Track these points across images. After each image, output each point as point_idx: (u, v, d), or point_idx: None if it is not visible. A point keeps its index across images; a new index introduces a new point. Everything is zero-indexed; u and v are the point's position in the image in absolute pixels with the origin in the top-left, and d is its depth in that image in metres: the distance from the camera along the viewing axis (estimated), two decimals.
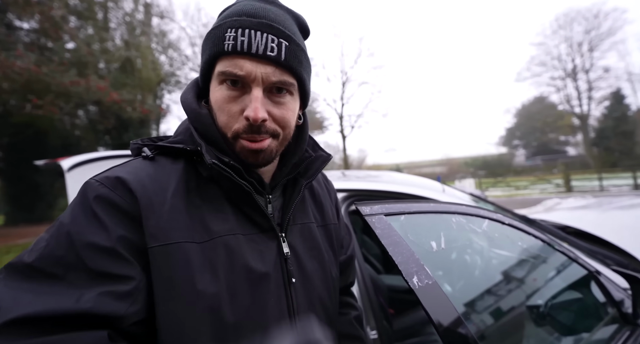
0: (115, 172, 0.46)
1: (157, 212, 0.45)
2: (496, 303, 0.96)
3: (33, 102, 7.97)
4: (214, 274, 0.45)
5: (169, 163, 0.50)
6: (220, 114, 0.50)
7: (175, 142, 0.53)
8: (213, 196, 0.50)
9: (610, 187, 13.67)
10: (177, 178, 0.49)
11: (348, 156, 23.29)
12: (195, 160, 0.52)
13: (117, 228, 0.42)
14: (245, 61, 0.47)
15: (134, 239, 0.43)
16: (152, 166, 0.49)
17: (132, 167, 0.48)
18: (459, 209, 0.81)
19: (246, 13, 0.48)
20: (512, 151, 40.44)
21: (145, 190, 0.45)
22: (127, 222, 0.43)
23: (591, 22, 24.64)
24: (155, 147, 0.52)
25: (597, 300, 0.97)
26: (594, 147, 24.10)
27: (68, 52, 9.96)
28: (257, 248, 0.51)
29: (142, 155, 0.51)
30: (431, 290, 0.58)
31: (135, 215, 0.44)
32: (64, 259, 0.40)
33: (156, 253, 0.43)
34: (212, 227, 0.47)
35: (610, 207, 2.41)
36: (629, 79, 24.81)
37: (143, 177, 0.46)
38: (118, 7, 12.57)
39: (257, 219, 0.52)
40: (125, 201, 0.44)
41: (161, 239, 0.44)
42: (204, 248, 0.46)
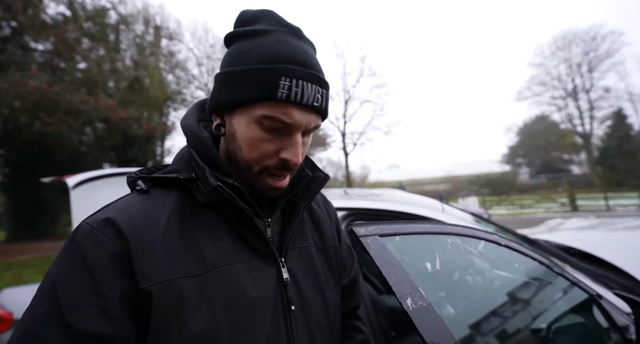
0: (105, 213, 0.45)
1: (149, 250, 0.43)
2: (497, 326, 0.94)
3: (43, 120, 8.18)
4: (211, 308, 0.44)
5: (162, 195, 0.50)
6: (252, 151, 0.49)
7: (169, 171, 0.53)
8: (209, 223, 0.49)
9: (616, 207, 13.46)
10: (170, 210, 0.48)
11: (350, 173, 23.31)
12: (190, 187, 0.51)
13: (105, 276, 0.41)
14: (295, 110, 0.47)
15: (123, 286, 0.41)
16: (144, 200, 0.48)
17: (124, 205, 0.47)
18: (454, 230, 0.82)
19: (297, 61, 0.47)
20: (515, 169, 40.25)
21: (135, 228, 0.44)
22: (118, 267, 0.42)
23: (589, 44, 25.21)
24: (149, 179, 0.52)
25: (599, 325, 0.95)
26: (598, 166, 23.95)
27: (79, 71, 10.33)
28: (256, 276, 0.49)
29: (136, 189, 0.51)
30: (425, 312, 0.58)
31: (124, 257, 0.42)
32: (46, 316, 0.39)
33: (148, 294, 0.42)
34: (208, 257, 0.46)
35: (615, 228, 2.38)
36: (630, 99, 25.03)
37: (133, 214, 0.46)
38: (129, 29, 13.14)
39: (256, 245, 0.51)
40: (114, 242, 0.42)
41: (153, 278, 0.42)
42: (200, 281, 0.44)
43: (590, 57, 25.28)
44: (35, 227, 11.28)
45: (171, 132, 15.29)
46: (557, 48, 27.13)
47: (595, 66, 25.21)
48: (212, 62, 18.26)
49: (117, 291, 0.41)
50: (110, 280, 0.41)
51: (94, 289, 0.40)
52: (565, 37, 26.47)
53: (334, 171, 27.44)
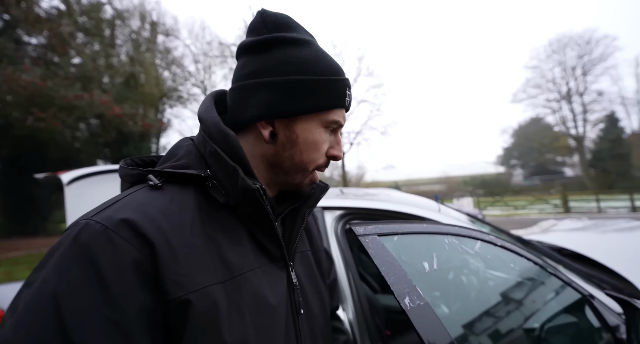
0: (120, 212, 0.39)
1: (179, 256, 0.40)
2: (491, 325, 0.95)
3: (36, 115, 8.06)
4: (241, 317, 0.43)
5: (177, 192, 0.45)
6: (314, 152, 0.52)
7: (182, 166, 0.48)
8: (228, 225, 0.47)
9: (608, 209, 13.67)
10: (192, 210, 0.44)
11: (347, 172, 23.35)
12: (207, 186, 0.48)
13: (123, 286, 0.36)
14: (344, 114, 0.55)
15: (145, 298, 0.37)
16: (161, 198, 0.43)
17: (138, 203, 0.42)
18: (451, 230, 0.82)
19: (344, 73, 0.54)
20: (509, 170, 40.67)
21: (161, 232, 0.39)
22: (140, 277, 0.37)
23: (583, 48, 25.53)
24: (162, 173, 0.46)
25: (591, 325, 0.97)
26: (591, 168, 24.30)
27: (74, 67, 10.20)
28: (272, 281, 0.49)
29: (149, 184, 0.45)
30: (423, 311, 0.58)
31: (149, 264, 0.38)
32: (45, 336, 0.32)
33: (180, 304, 0.38)
34: (232, 261, 0.45)
35: (607, 229, 2.42)
36: (623, 103, 25.42)
37: (155, 215, 0.41)
38: (125, 25, 13.00)
39: (270, 248, 0.51)
40: (137, 249, 0.37)
41: (187, 286, 0.39)
42: (227, 288, 0.42)
43: (584, 60, 25.62)
44: (27, 224, 11.14)
45: (167, 130, 15.18)
46: (552, 51, 27.45)
47: (589, 70, 25.56)
48: (208, 59, 18.13)
49: (137, 304, 0.36)
50: (130, 291, 0.36)
51: (108, 302, 0.35)
52: (560, 41, 26.79)
53: (330, 171, 27.47)
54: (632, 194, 13.39)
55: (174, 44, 16.71)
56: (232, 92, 0.53)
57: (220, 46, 18.27)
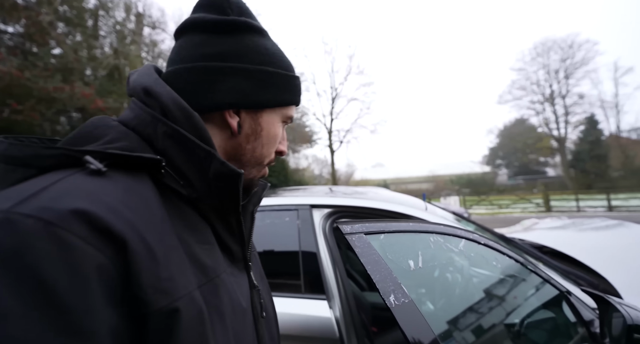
0: (62, 201, 0.28)
1: (157, 257, 0.31)
2: (474, 322, 0.98)
3: (12, 107, 7.73)
4: (223, 323, 0.38)
5: (129, 181, 0.35)
6: (271, 146, 0.52)
7: (123, 149, 0.37)
8: (193, 221, 0.41)
9: (586, 208, 14.21)
10: (157, 202, 0.36)
11: (336, 170, 23.42)
12: (160, 175, 0.38)
13: (89, 309, 0.26)
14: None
15: (121, 320, 0.28)
16: (113, 187, 0.32)
17: (86, 191, 0.30)
18: (436, 229, 0.84)
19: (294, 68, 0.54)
20: (495, 170, 41.67)
21: (131, 227, 0.30)
22: (108, 292, 0.27)
23: (566, 52, 26.36)
24: (105, 155, 0.34)
25: (568, 319, 1.00)
26: (571, 169, 25.17)
27: (54, 57, 9.80)
28: (239, 283, 0.46)
29: (89, 167, 0.32)
30: (407, 308, 0.59)
31: (120, 273, 0.28)
32: None
33: (165, 316, 0.30)
34: (205, 262, 0.39)
35: (584, 228, 2.51)
36: (602, 106, 26.43)
37: (117, 205, 0.30)
38: (109, 15, 12.56)
39: (233, 248, 0.47)
40: (100, 251, 0.27)
41: (171, 293, 0.31)
42: (204, 293, 0.36)
43: (567, 64, 26.47)
44: None
45: None
46: (536, 54, 28.21)
47: (571, 73, 26.42)
48: None
49: (106, 327, 0.27)
50: (95, 311, 0.26)
51: (63, 332, 0.24)
52: (544, 44, 27.56)
53: (320, 168, 27.49)
54: (609, 194, 13.98)
55: (161, 37, 16.28)
56: (188, 72, 0.45)
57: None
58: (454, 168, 40.39)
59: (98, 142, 0.37)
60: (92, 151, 0.34)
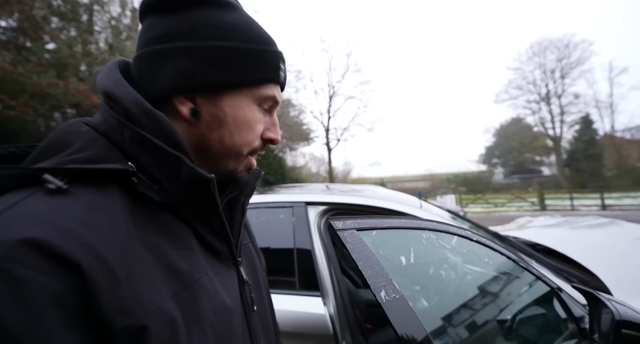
0: (10, 230, 0.27)
1: (118, 277, 0.31)
2: (467, 318, 0.98)
3: (5, 102, 7.63)
4: (201, 329, 0.38)
5: (93, 195, 0.33)
6: (247, 133, 0.45)
7: (89, 159, 0.35)
8: (169, 227, 0.39)
9: (580, 207, 14.36)
10: (122, 215, 0.34)
11: (333, 168, 23.43)
12: (132, 183, 0.38)
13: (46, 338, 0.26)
14: (279, 90, 0.48)
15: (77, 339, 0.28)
16: (73, 206, 0.31)
17: (39, 214, 0.29)
18: (429, 226, 0.84)
19: (274, 42, 0.47)
20: (491, 169, 41.95)
21: (87, 249, 0.29)
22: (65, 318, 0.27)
23: (562, 51, 26.54)
24: (65, 171, 0.33)
25: (558, 316, 1.02)
26: (566, 168, 25.40)
27: (48, 52, 9.67)
28: (224, 282, 0.45)
29: (47, 187, 0.31)
30: (398, 304, 0.59)
31: (78, 298, 0.28)
32: None
33: (131, 334, 0.30)
34: (181, 269, 0.37)
35: (577, 226, 2.54)
36: (597, 106, 26.67)
37: (72, 227, 0.29)
38: (104, 10, 12.40)
39: (218, 247, 0.46)
40: (54, 278, 0.27)
41: (136, 312, 0.31)
42: (180, 301, 0.36)
43: (563, 64, 26.66)
44: None
45: None
46: (533, 54, 28.37)
47: (567, 73, 26.62)
48: None
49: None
50: (52, 335, 0.26)
51: None
52: (541, 44, 27.71)
53: (317, 166, 27.47)
54: (603, 193, 14.14)
55: None
56: (138, 60, 0.42)
57: None
58: (451, 167, 40.58)
59: (65, 152, 0.36)
60: (51, 168, 0.33)
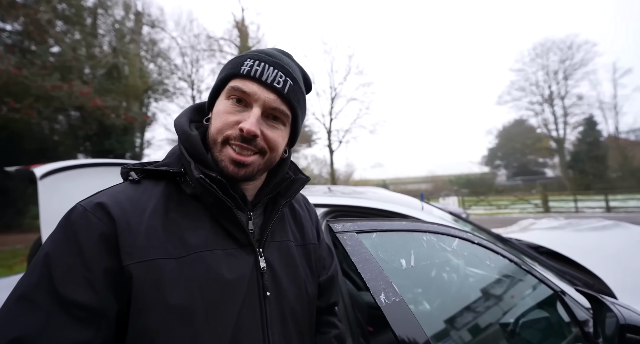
0: (97, 198, 0.51)
1: (134, 232, 0.48)
2: (469, 321, 0.97)
3: (10, 105, 7.69)
4: (189, 287, 0.48)
5: (150, 185, 0.55)
6: (218, 122, 0.56)
7: (161, 165, 0.58)
8: (194, 212, 0.54)
9: (584, 209, 14.23)
10: (157, 198, 0.53)
11: (335, 170, 23.40)
12: (178, 180, 0.57)
13: (93, 252, 0.46)
14: (254, 84, 0.55)
15: (108, 262, 0.46)
16: (134, 189, 0.54)
17: (115, 192, 0.53)
18: (430, 228, 0.83)
19: (265, 52, 0.58)
20: (494, 170, 41.73)
21: (123, 212, 0.49)
22: (105, 246, 0.47)
23: (565, 53, 26.42)
24: (142, 171, 0.57)
25: (562, 319, 1.00)
26: (570, 169, 25.21)
27: (52, 56, 9.75)
28: (234, 262, 0.53)
29: (129, 179, 0.56)
30: (398, 308, 0.59)
31: (111, 236, 0.47)
32: (39, 283, 0.44)
33: (131, 270, 0.46)
34: (190, 242, 0.51)
35: (581, 228, 2.51)
36: (600, 107, 26.48)
37: (122, 200, 0.51)
38: (108, 14, 12.51)
39: (236, 235, 0.55)
40: (104, 223, 0.48)
41: (136, 257, 0.47)
42: (181, 263, 0.49)
43: (566, 65, 26.53)
44: (1, 219, 10.63)
45: (151, 124, 14.75)
46: (536, 55, 28.26)
47: (570, 74, 26.49)
48: (196, 52, 17.72)
49: (102, 267, 0.46)
50: (97, 256, 0.46)
51: (82, 264, 0.45)
52: (544, 45, 27.60)
53: (319, 168, 27.46)
54: (607, 195, 14.00)
55: (160, 36, 16.23)
56: None
57: (208, 40, 17.90)
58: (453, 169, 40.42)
59: (161, 161, 0.60)
60: (136, 168, 0.57)
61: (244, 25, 17.88)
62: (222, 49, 18.13)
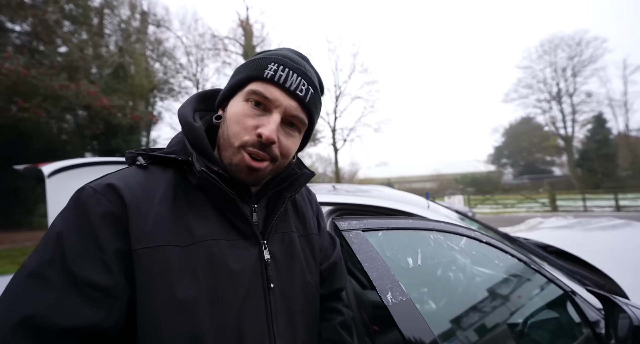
0: (107, 179, 0.51)
1: (143, 217, 0.48)
2: (477, 321, 0.96)
3: (19, 105, 7.80)
4: (194, 275, 0.48)
5: (159, 172, 0.54)
6: (234, 125, 0.55)
7: (168, 152, 0.57)
8: (199, 202, 0.54)
9: (593, 208, 14.01)
10: (165, 186, 0.53)
11: (340, 169, 23.36)
12: (185, 169, 0.56)
13: (105, 233, 0.46)
14: (276, 90, 0.54)
15: (119, 244, 0.46)
16: (143, 174, 0.53)
17: (124, 175, 0.52)
18: (437, 226, 0.82)
19: (289, 57, 0.57)
20: (500, 169, 41.32)
21: (133, 196, 0.49)
22: (116, 227, 0.47)
23: (574, 49, 25.95)
24: (149, 156, 0.56)
25: (572, 320, 0.98)
26: (578, 168, 24.83)
27: (60, 56, 9.86)
28: (238, 253, 0.53)
29: (136, 164, 0.55)
30: (405, 307, 0.58)
31: (123, 219, 0.47)
32: (51, 261, 0.43)
33: (140, 255, 0.46)
34: (196, 231, 0.51)
35: (590, 227, 2.47)
36: (610, 104, 26.02)
37: (133, 184, 0.50)
38: (114, 14, 12.61)
39: (240, 226, 0.55)
40: (115, 205, 0.48)
41: (145, 242, 0.47)
42: (187, 252, 0.49)
43: (574, 62, 26.07)
44: (10, 217, 10.80)
45: (157, 123, 14.87)
46: (543, 52, 27.83)
47: (578, 71, 26.03)
48: (201, 51, 17.80)
49: (114, 247, 0.46)
50: (109, 237, 0.46)
51: (95, 244, 0.45)
52: (551, 42, 27.16)
53: (324, 167, 27.44)
54: (617, 194, 13.76)
55: (165, 35, 16.33)
56: None
57: (213, 39, 17.95)
58: (459, 167, 40.12)
59: (167, 147, 0.60)
60: (143, 154, 0.57)
61: (248, 24, 17.89)
62: (227, 48, 18.19)
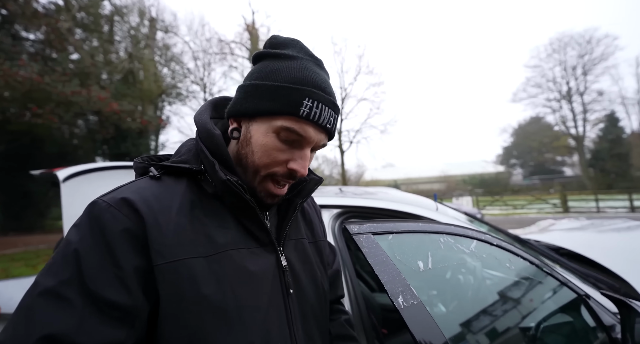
0: (121, 193, 0.49)
1: (163, 230, 0.47)
2: (487, 325, 0.95)
3: (33, 111, 8.01)
4: (220, 285, 0.49)
5: (172, 182, 0.54)
6: (264, 157, 0.54)
7: (179, 161, 0.57)
8: (216, 211, 0.54)
9: (606, 208, 13.69)
10: (181, 196, 0.52)
11: (346, 171, 23.33)
12: (199, 178, 0.56)
13: (122, 250, 0.45)
14: (310, 127, 0.54)
15: (138, 260, 0.45)
16: (158, 186, 0.52)
17: (137, 187, 0.51)
18: (447, 229, 0.82)
19: (320, 87, 0.54)
20: (509, 169, 40.73)
21: (150, 209, 0.48)
22: (133, 243, 0.46)
23: (584, 47, 25.50)
24: (161, 167, 0.56)
25: (587, 324, 0.96)
26: (590, 168, 24.32)
27: (72, 62, 10.11)
28: (257, 260, 0.54)
29: (149, 175, 0.54)
30: (416, 310, 0.58)
31: (140, 235, 0.46)
32: (69, 280, 0.43)
33: (163, 271, 0.46)
34: (217, 240, 0.51)
35: (604, 229, 2.41)
36: (623, 103, 25.47)
37: (148, 197, 0.50)
38: (124, 21, 12.89)
39: (257, 234, 0.56)
40: (131, 220, 0.47)
41: (167, 256, 0.46)
42: (210, 262, 0.49)
43: (585, 60, 25.60)
44: (24, 220, 11.06)
45: (165, 127, 15.10)
46: (552, 50, 27.41)
47: (589, 69, 25.54)
48: (208, 56, 18.05)
49: (132, 265, 0.45)
50: (127, 254, 0.45)
51: (112, 262, 0.44)
52: (561, 40, 26.74)
53: (330, 169, 27.44)
54: (631, 194, 13.42)
55: (173, 41, 16.61)
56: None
57: (219, 43, 18.19)
58: (467, 168, 39.67)
59: (176, 156, 0.59)
60: (156, 164, 0.56)
61: (254, 28, 18.08)
62: (233, 52, 18.39)
